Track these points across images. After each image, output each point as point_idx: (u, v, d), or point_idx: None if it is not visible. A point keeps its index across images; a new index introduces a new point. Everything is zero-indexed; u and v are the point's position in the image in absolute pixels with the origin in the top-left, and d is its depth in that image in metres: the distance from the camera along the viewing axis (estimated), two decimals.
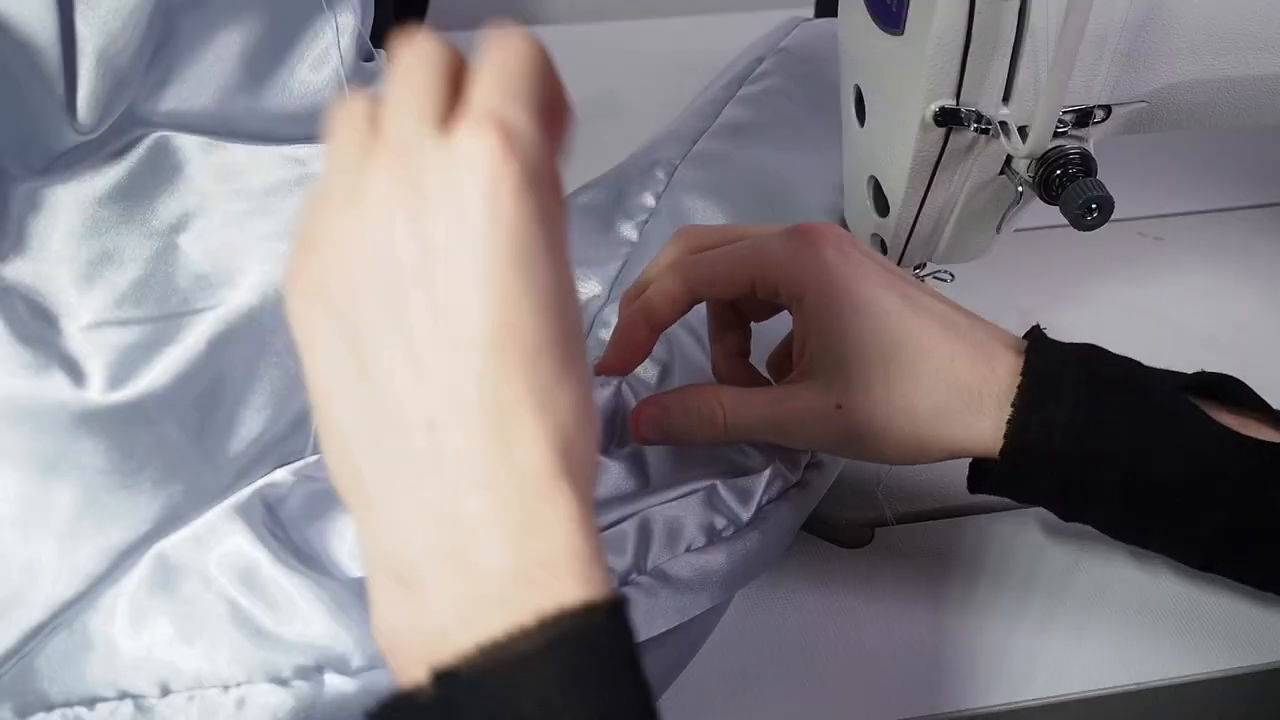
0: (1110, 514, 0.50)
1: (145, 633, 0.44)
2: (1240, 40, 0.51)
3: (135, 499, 0.45)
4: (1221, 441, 0.47)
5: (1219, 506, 0.47)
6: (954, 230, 0.58)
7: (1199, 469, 0.47)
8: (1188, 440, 0.47)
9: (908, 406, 0.47)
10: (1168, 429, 0.47)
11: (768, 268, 0.49)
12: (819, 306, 0.48)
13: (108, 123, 0.50)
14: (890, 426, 0.47)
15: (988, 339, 0.49)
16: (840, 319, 0.47)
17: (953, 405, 0.47)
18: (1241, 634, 0.54)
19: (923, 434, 0.48)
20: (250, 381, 0.49)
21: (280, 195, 0.54)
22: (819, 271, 0.48)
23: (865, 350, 0.47)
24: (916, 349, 0.47)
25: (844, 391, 0.47)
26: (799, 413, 0.48)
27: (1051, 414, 0.47)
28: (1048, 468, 0.47)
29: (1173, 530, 0.49)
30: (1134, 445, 0.47)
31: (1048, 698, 0.52)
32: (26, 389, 0.45)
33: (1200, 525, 0.48)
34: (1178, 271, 0.73)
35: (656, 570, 0.49)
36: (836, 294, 0.48)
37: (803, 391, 0.48)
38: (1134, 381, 0.49)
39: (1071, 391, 0.47)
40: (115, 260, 0.50)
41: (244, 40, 0.52)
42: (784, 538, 0.53)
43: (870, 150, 0.57)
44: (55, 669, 0.44)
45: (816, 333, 0.48)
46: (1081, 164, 0.50)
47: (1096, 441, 0.47)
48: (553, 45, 0.37)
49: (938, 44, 0.49)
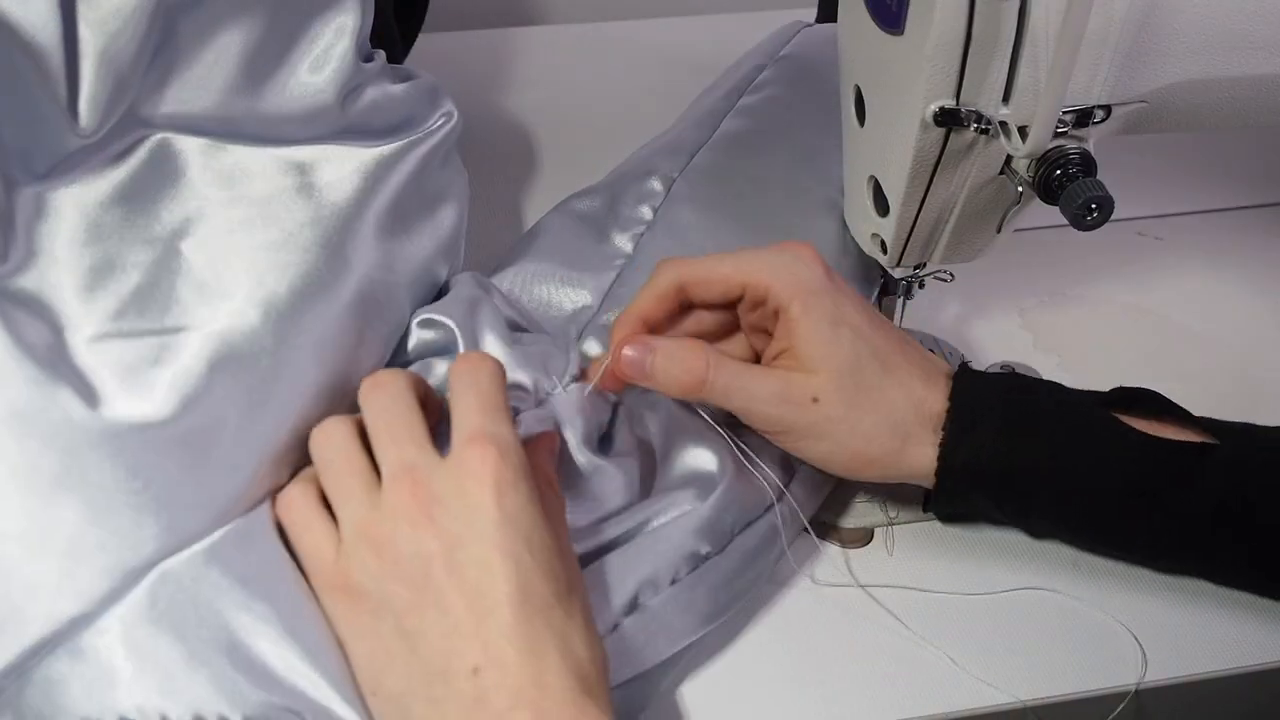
0: (1047, 526, 0.55)
1: (145, 658, 0.44)
2: (1240, 40, 0.51)
3: (139, 518, 0.45)
4: (1141, 447, 0.51)
5: (1148, 507, 0.51)
6: (954, 230, 0.58)
7: (1121, 473, 0.51)
8: (1108, 448, 0.51)
9: (874, 414, 0.52)
10: (1088, 440, 0.51)
11: (759, 273, 0.53)
12: (804, 314, 0.52)
13: (108, 125, 0.49)
14: (855, 431, 0.51)
15: (931, 365, 0.54)
16: (823, 328, 0.52)
17: (909, 418, 0.52)
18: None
19: (879, 445, 0.52)
20: (252, 402, 0.48)
21: (281, 203, 0.53)
22: (809, 282, 0.52)
23: (844, 359, 0.52)
24: (885, 363, 0.52)
25: (820, 389, 0.51)
26: (776, 393, 0.52)
27: (979, 436, 0.51)
28: (980, 486, 0.52)
29: (1108, 535, 0.53)
30: (1058, 458, 0.51)
31: (1048, 698, 0.52)
32: (35, 404, 0.44)
33: (1134, 528, 0.52)
34: (1178, 271, 0.73)
35: (644, 607, 0.49)
36: (822, 305, 0.52)
37: (783, 376, 0.52)
38: (1055, 398, 0.53)
39: (997, 415, 0.52)
40: (118, 267, 0.50)
41: (244, 41, 0.52)
42: (768, 558, 0.54)
43: (870, 150, 0.57)
44: (53, 689, 0.43)
45: (800, 339, 0.52)
46: (1081, 164, 0.50)
47: (1024, 458, 0.51)
48: (553, 45, 0.37)
49: (938, 44, 0.49)
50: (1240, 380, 0.53)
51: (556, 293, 0.63)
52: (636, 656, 0.48)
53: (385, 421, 0.46)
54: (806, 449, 0.53)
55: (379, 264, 0.55)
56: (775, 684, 0.52)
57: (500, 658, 0.42)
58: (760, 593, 0.54)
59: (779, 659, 0.53)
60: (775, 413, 0.52)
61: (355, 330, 0.53)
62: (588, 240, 0.66)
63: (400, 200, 0.58)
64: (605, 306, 0.63)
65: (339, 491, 0.46)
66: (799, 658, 0.53)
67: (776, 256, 0.53)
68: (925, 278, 0.62)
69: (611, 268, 0.65)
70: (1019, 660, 0.53)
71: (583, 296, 0.63)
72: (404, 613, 0.43)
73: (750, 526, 0.53)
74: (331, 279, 0.53)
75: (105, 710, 0.43)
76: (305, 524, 0.46)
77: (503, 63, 0.90)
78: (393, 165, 0.58)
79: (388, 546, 0.44)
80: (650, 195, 0.68)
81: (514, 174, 0.79)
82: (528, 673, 0.42)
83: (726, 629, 0.53)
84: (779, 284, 0.52)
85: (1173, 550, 0.53)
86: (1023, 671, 0.52)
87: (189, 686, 0.43)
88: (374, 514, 0.44)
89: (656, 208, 0.68)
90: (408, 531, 0.43)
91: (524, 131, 0.83)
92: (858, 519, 0.58)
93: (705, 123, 0.74)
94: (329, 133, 0.56)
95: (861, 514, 0.59)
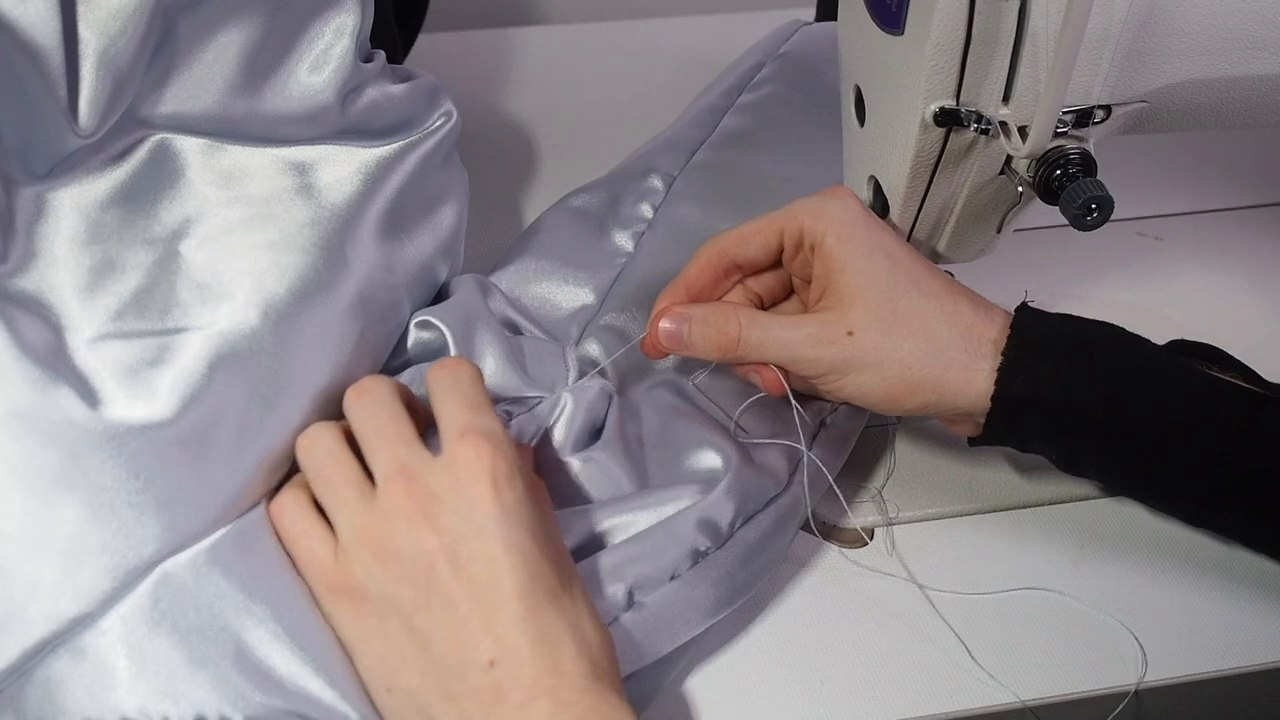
0: (1095, 466, 0.53)
1: (146, 659, 0.44)
2: (1240, 40, 0.51)
3: (140, 518, 0.45)
4: (1208, 385, 0.50)
5: (1208, 451, 0.50)
6: (954, 230, 0.58)
7: (1185, 412, 0.50)
8: (1173, 386, 0.50)
9: (913, 339, 0.51)
10: (1152, 377, 0.51)
11: (795, 214, 0.54)
12: (839, 244, 0.52)
13: (108, 125, 0.49)
14: (893, 358, 0.51)
15: (983, 298, 0.53)
16: (859, 256, 0.52)
17: (953, 343, 0.51)
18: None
19: (919, 371, 0.51)
20: (252, 402, 0.48)
21: (280, 203, 0.53)
22: (843, 215, 0.53)
23: (880, 285, 0.52)
24: (927, 290, 0.52)
25: (856, 321, 0.51)
26: (811, 335, 0.52)
27: (1042, 366, 0.50)
28: (1037, 416, 0.51)
29: (1158, 480, 0.52)
30: (1120, 393, 0.50)
31: (1048, 698, 0.52)
32: (35, 404, 0.44)
33: (1192, 473, 0.51)
34: (1178, 271, 0.73)
35: (643, 605, 0.49)
36: (858, 235, 0.52)
37: (817, 317, 0.52)
38: (1118, 336, 0.52)
39: (1064, 345, 0.51)
40: (117, 268, 0.50)
41: (243, 42, 0.52)
42: (769, 553, 0.53)
43: (870, 150, 0.57)
44: (54, 689, 0.43)
45: (836, 269, 0.52)
46: (1081, 164, 0.50)
47: (1085, 391, 0.50)
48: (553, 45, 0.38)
49: (938, 44, 0.49)
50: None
51: (557, 291, 0.63)
52: (635, 652, 0.48)
53: (374, 425, 0.46)
54: (849, 385, 0.52)
55: (379, 264, 0.55)
56: (775, 684, 0.52)
57: (515, 649, 0.42)
58: (761, 592, 0.54)
59: (779, 658, 0.53)
60: (813, 354, 0.52)
61: (355, 330, 0.53)
62: (588, 238, 0.66)
63: (400, 201, 0.58)
64: (606, 305, 0.63)
65: (332, 497, 0.46)
66: (799, 657, 0.53)
67: (811, 198, 0.54)
68: None
69: (612, 266, 0.65)
70: (1019, 660, 0.53)
71: (583, 294, 0.63)
72: (412, 612, 0.43)
73: (752, 520, 0.53)
74: (331, 279, 0.53)
75: (106, 711, 0.43)
76: (300, 530, 0.47)
77: (503, 63, 0.90)
78: (392, 166, 0.58)
79: (388, 548, 0.44)
80: (651, 193, 0.69)
81: (514, 174, 0.79)
82: (544, 662, 0.42)
83: (727, 628, 0.53)
84: (812, 219, 0.53)
85: (1218, 505, 0.52)
86: (1023, 671, 0.52)
87: (191, 688, 0.43)
88: (370, 517, 0.45)
89: (657, 205, 0.68)
90: (406, 531, 0.44)
91: (524, 131, 0.83)
92: (858, 519, 0.58)
93: (705, 121, 0.74)
94: (329, 133, 0.56)
95: (862, 514, 0.59)
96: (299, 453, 0.48)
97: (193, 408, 0.47)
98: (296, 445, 0.48)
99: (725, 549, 0.52)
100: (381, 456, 0.45)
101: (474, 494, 0.44)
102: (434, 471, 0.45)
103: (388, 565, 0.44)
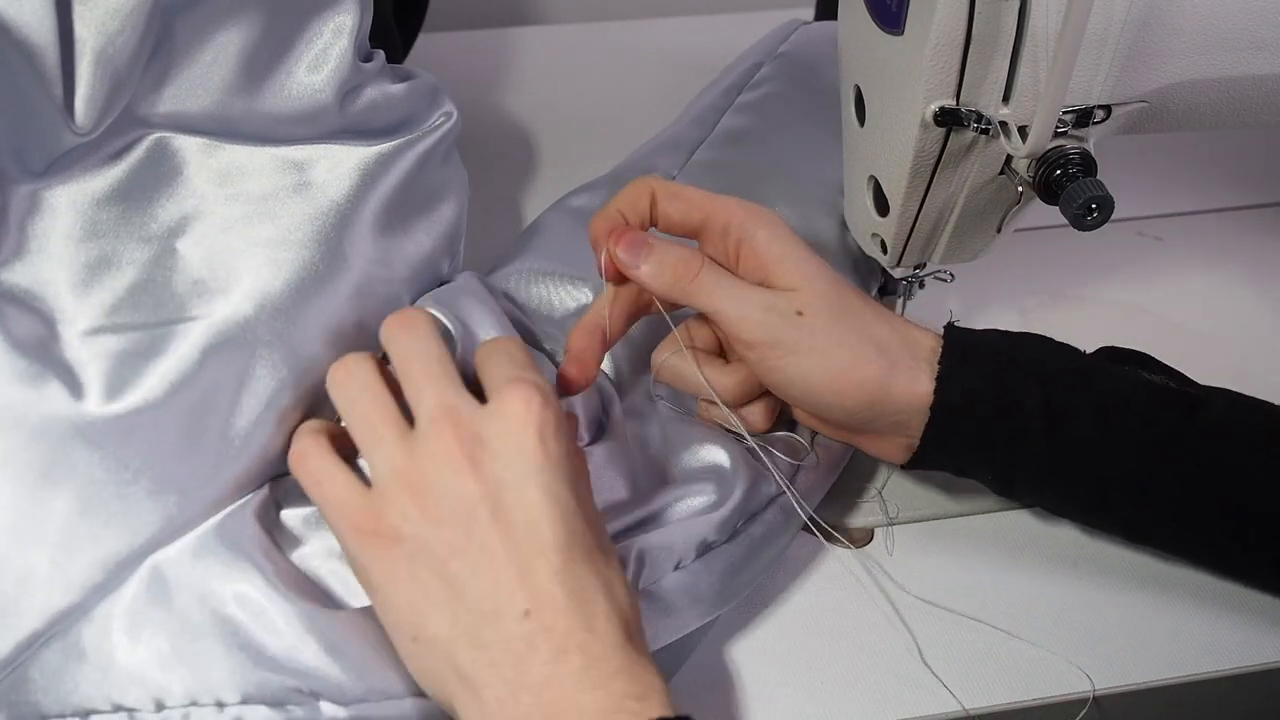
0: (1031, 479, 0.53)
1: (140, 646, 0.44)
2: (1240, 40, 0.51)
3: (131, 509, 0.45)
4: (1143, 387, 0.51)
5: (1145, 455, 0.50)
6: (954, 230, 0.58)
7: (1119, 414, 0.50)
8: (1105, 387, 0.51)
9: (860, 333, 0.51)
10: (1085, 378, 0.51)
11: (729, 203, 0.53)
12: (775, 240, 0.52)
13: (105, 124, 0.50)
14: (842, 345, 0.51)
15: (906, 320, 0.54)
16: (799, 248, 0.52)
17: (896, 345, 0.51)
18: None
19: (866, 366, 0.51)
20: (245, 392, 0.48)
21: (279, 200, 0.53)
22: (775, 219, 0.53)
23: (826, 275, 0.52)
24: (863, 298, 0.53)
25: (806, 303, 0.51)
26: (764, 300, 0.51)
27: (975, 370, 0.51)
28: (972, 422, 0.51)
29: (1095, 492, 0.52)
30: (1057, 392, 0.51)
31: (1048, 698, 0.52)
32: (22, 397, 0.45)
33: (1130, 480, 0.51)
34: (1178, 271, 0.73)
35: (647, 593, 0.49)
36: (791, 237, 0.53)
37: (769, 290, 0.52)
38: (1049, 344, 0.53)
39: (993, 351, 0.52)
40: (113, 264, 0.50)
41: (242, 41, 0.52)
42: (774, 548, 0.54)
43: (870, 150, 0.57)
44: (49, 680, 0.43)
45: (775, 260, 0.52)
46: (1081, 164, 0.50)
47: (1020, 393, 0.50)
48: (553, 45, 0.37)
49: (938, 44, 0.49)
50: (1240, 380, 0.53)
51: (557, 290, 0.63)
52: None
53: (420, 361, 0.44)
54: (790, 367, 0.51)
55: (377, 260, 0.55)
56: (775, 684, 0.52)
57: (551, 601, 0.41)
58: (761, 592, 0.54)
59: (779, 659, 0.53)
60: (761, 317, 0.51)
61: (353, 325, 0.53)
62: (586, 237, 0.66)
63: (398, 197, 0.58)
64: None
65: (369, 435, 0.44)
66: (799, 657, 0.53)
67: (743, 200, 0.53)
68: (925, 278, 0.62)
69: None
70: (1019, 659, 0.53)
71: (583, 294, 0.63)
72: (448, 557, 0.42)
73: (756, 517, 0.53)
74: (329, 273, 0.53)
75: (101, 700, 0.43)
76: (325, 473, 0.44)
77: (503, 63, 0.90)
78: (391, 162, 0.58)
79: (429, 491, 0.42)
80: None
81: (514, 174, 0.79)
82: (578, 617, 0.41)
83: (727, 627, 0.53)
84: (744, 213, 0.52)
85: (1154, 517, 0.52)
86: (1023, 670, 0.52)
87: (184, 673, 0.43)
88: (411, 460, 0.43)
89: None
90: (451, 476, 0.42)
91: (524, 131, 0.83)
92: (858, 519, 0.58)
93: (704, 120, 0.74)
94: (327, 132, 0.56)
95: (861, 514, 0.59)
96: (331, 385, 0.45)
97: (183, 393, 0.47)
98: (329, 375, 0.45)
99: (732, 543, 0.52)
100: (427, 395, 0.44)
101: (521, 443, 0.43)
102: (482, 418, 0.43)
103: (427, 508, 0.42)
